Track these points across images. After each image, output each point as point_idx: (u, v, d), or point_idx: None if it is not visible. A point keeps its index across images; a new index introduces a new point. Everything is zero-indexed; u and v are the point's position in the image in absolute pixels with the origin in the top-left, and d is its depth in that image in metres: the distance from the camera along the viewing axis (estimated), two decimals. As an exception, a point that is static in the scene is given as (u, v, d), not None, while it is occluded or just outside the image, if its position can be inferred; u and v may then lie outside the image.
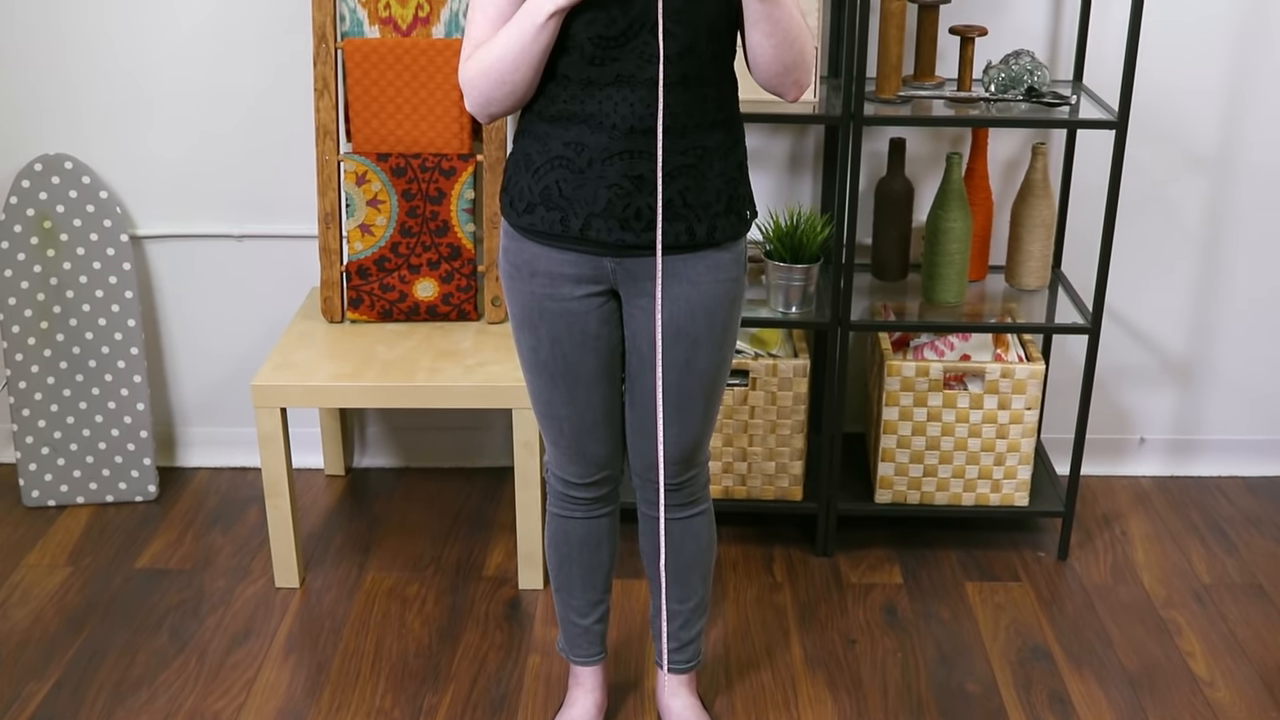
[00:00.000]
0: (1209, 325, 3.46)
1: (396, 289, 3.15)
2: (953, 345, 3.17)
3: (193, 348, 3.49)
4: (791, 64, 2.10)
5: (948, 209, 3.02)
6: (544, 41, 2.03)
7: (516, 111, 2.16)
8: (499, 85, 2.07)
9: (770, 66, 2.10)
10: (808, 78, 2.15)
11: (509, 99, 2.10)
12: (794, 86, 2.14)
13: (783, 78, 2.12)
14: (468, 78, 2.10)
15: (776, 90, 2.15)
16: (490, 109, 2.12)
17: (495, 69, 2.06)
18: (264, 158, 3.29)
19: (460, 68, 2.13)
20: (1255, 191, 3.33)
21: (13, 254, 3.26)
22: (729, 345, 2.30)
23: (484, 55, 2.07)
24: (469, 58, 2.11)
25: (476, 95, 2.11)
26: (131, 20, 3.19)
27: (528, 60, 2.04)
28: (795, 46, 2.08)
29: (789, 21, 2.05)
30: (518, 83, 2.07)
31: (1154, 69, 3.18)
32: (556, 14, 1.99)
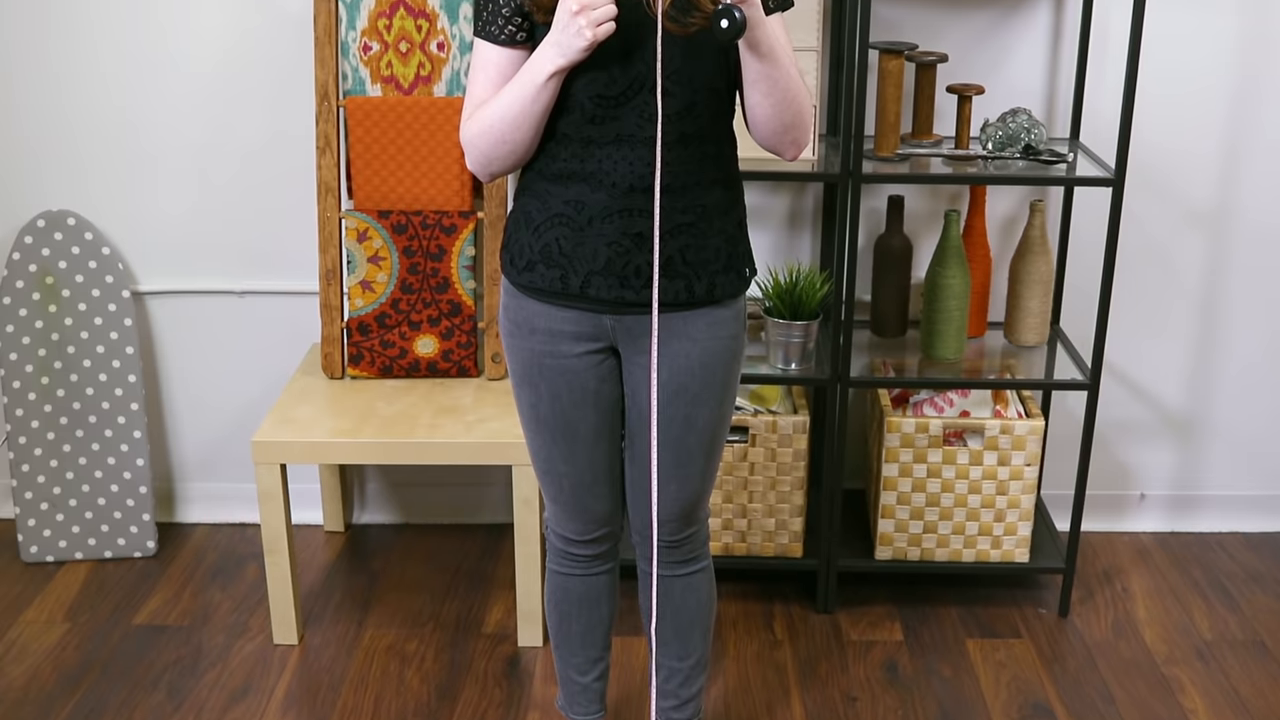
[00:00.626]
0: (1208, 380, 3.47)
1: (397, 345, 3.16)
2: (952, 402, 3.18)
3: (193, 403, 3.49)
4: (790, 123, 2.11)
5: (946, 266, 3.03)
6: (545, 101, 2.04)
7: (517, 170, 2.17)
8: (500, 144, 2.09)
9: (768, 125, 2.11)
10: (806, 137, 2.16)
11: (510, 158, 2.11)
12: (792, 146, 2.16)
13: (781, 137, 2.13)
14: (469, 137, 2.12)
15: (775, 149, 2.16)
16: (491, 168, 2.14)
17: (496, 128, 2.07)
18: (265, 214, 3.31)
19: (461, 127, 2.15)
20: (1252, 247, 3.35)
21: (14, 310, 3.27)
22: (729, 402, 2.30)
23: (485, 114, 2.09)
24: (470, 117, 2.12)
25: (477, 154, 2.12)
26: (135, 78, 3.22)
27: (528, 119, 2.06)
28: (793, 106, 2.09)
29: (787, 81, 2.06)
30: (518, 141, 2.08)
31: (1150, 125, 3.20)
32: (557, 73, 2.01)
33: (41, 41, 3.20)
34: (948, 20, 3.14)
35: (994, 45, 3.17)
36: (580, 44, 1.95)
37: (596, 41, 1.95)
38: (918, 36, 3.12)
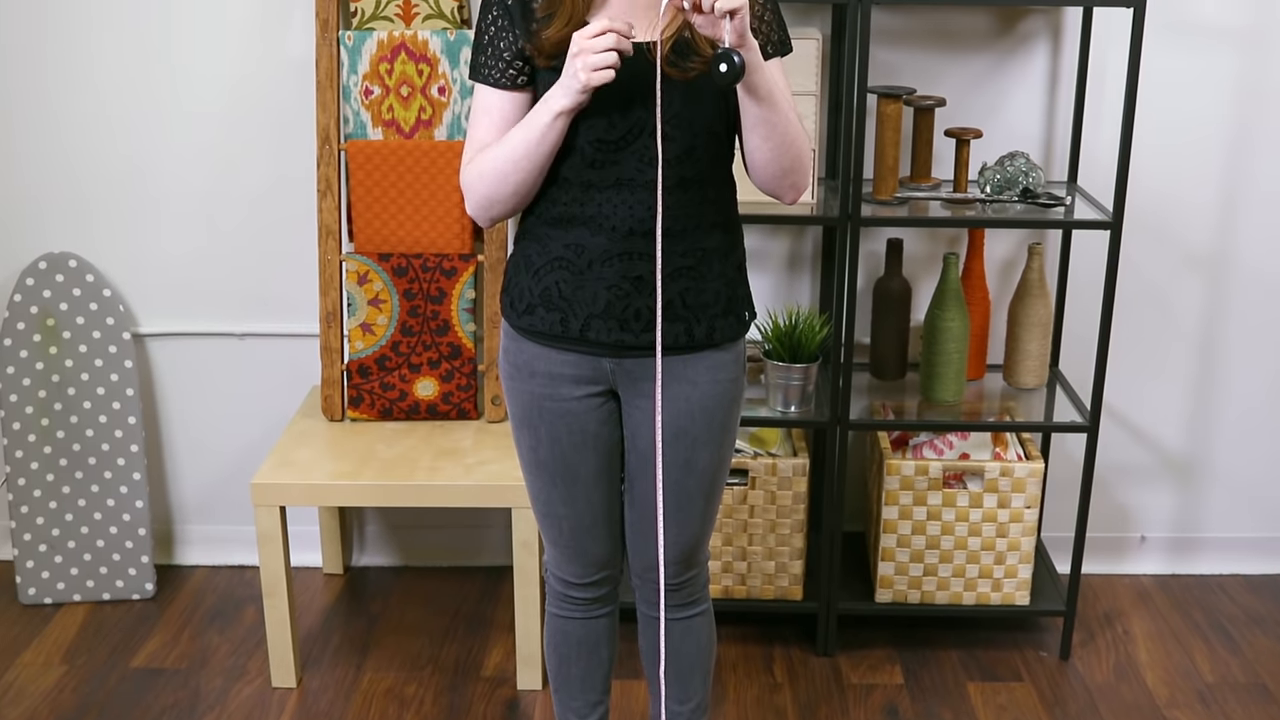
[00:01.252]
0: (1207, 423, 3.47)
1: (397, 388, 3.17)
2: (951, 444, 3.18)
3: (193, 445, 3.49)
4: (789, 167, 2.12)
5: (945, 308, 3.04)
6: (551, 141, 2.04)
7: (516, 215, 2.17)
8: (502, 184, 2.08)
9: (768, 169, 2.12)
10: (805, 181, 2.17)
11: (511, 199, 2.11)
12: (791, 190, 2.16)
13: (780, 181, 2.14)
14: (470, 179, 2.12)
15: (774, 193, 2.17)
16: (492, 210, 2.13)
17: (500, 168, 2.07)
18: (266, 257, 3.32)
19: (462, 171, 2.15)
20: (1250, 290, 3.36)
21: (15, 351, 3.28)
22: (728, 445, 2.30)
23: (488, 156, 2.09)
24: (471, 161, 2.13)
25: (479, 197, 2.12)
26: (138, 120, 3.24)
27: (533, 160, 2.06)
28: (792, 150, 2.10)
29: (786, 125, 2.07)
30: (521, 182, 2.08)
31: (1148, 169, 3.22)
32: (563, 113, 2.01)
33: (45, 84, 3.22)
34: (946, 65, 3.16)
35: (992, 89, 3.19)
36: (576, 86, 1.96)
37: (591, 86, 1.95)
38: (916, 81, 3.14)
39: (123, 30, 3.18)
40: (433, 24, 3.05)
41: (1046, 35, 3.17)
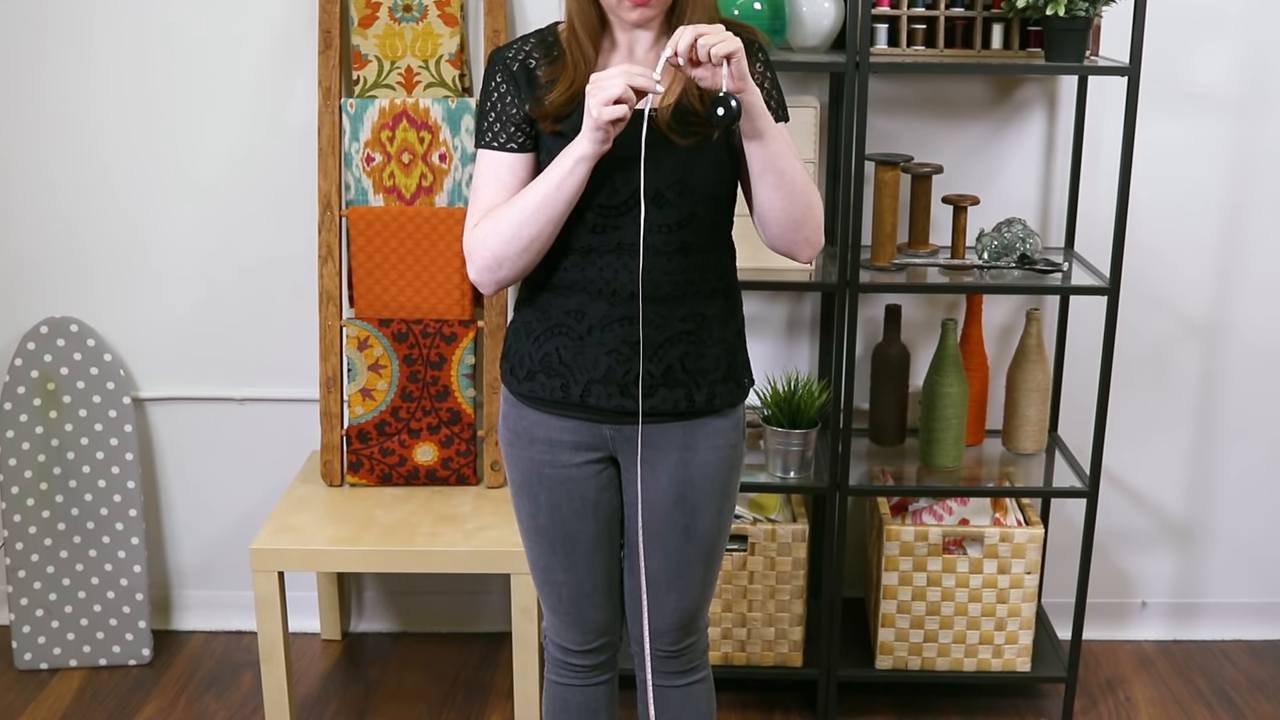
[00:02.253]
0: (1207, 487, 3.47)
1: (396, 453, 3.17)
2: (951, 510, 3.18)
3: (192, 510, 3.48)
4: (801, 219, 2.10)
5: (944, 374, 3.05)
6: (570, 190, 2.02)
7: (523, 277, 2.15)
8: (515, 239, 2.06)
9: (779, 219, 2.10)
10: (818, 236, 2.14)
11: (522, 257, 2.08)
12: (805, 245, 2.14)
13: (794, 235, 2.12)
14: (479, 238, 2.09)
15: (788, 250, 2.15)
16: (500, 271, 2.10)
17: (513, 222, 2.05)
18: (267, 322, 3.33)
19: (465, 236, 2.13)
20: (1248, 353, 3.37)
21: (15, 415, 3.28)
22: (728, 511, 2.30)
23: (499, 214, 2.08)
24: (477, 224, 2.11)
25: (487, 255, 2.09)
26: (140, 186, 3.26)
27: (550, 211, 2.04)
28: (803, 200, 2.09)
29: (793, 174, 2.07)
30: (534, 237, 2.06)
31: (1144, 235, 3.24)
32: (587, 157, 2.00)
33: (48, 149, 3.24)
34: (943, 132, 3.19)
35: (988, 157, 3.21)
36: (590, 124, 1.97)
37: (603, 122, 1.94)
38: (913, 148, 3.17)
39: (126, 96, 3.21)
40: (434, 92, 3.08)
41: (1042, 103, 3.20)
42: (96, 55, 3.18)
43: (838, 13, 2.93)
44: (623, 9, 2.05)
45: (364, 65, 3.09)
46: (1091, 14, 2.78)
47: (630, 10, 2.04)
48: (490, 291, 2.16)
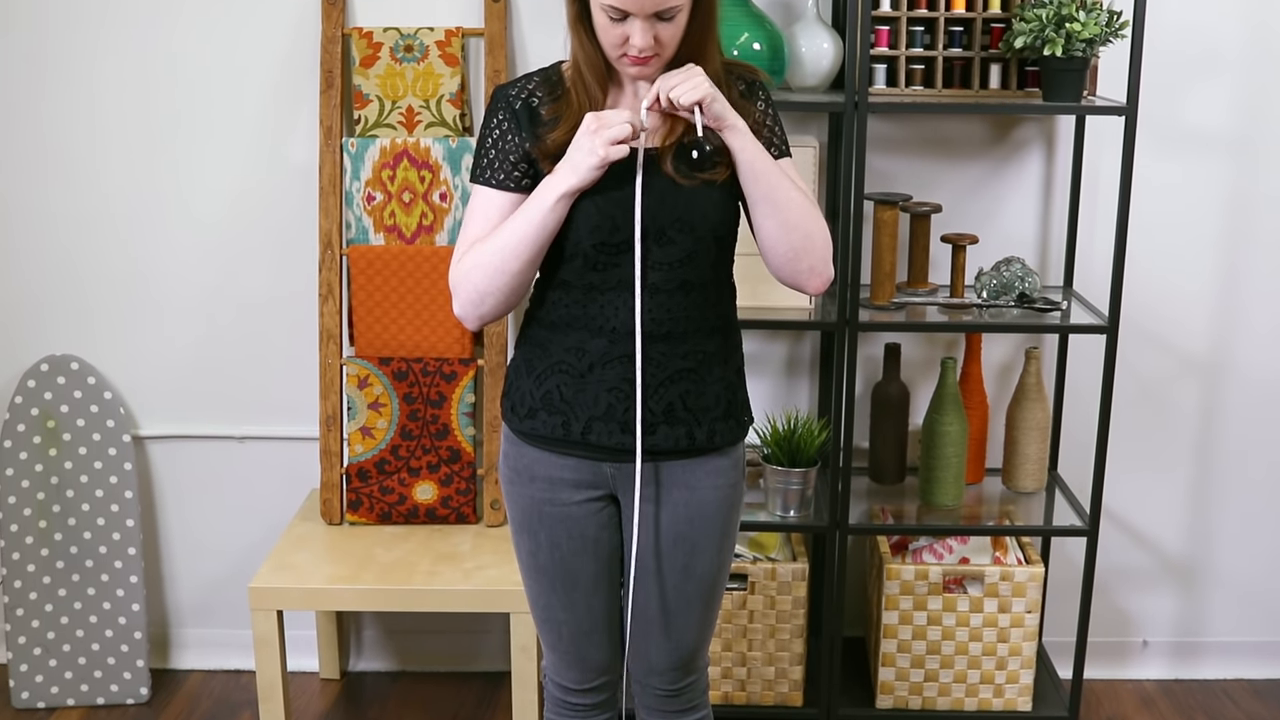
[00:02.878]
0: (1208, 525, 3.46)
1: (396, 491, 3.17)
2: (951, 548, 3.17)
3: (190, 548, 3.48)
4: (800, 248, 2.10)
5: (943, 413, 3.05)
6: (550, 226, 2.04)
7: (505, 316, 2.16)
8: (498, 274, 2.07)
9: (776, 249, 2.11)
10: (825, 267, 2.13)
11: (504, 291, 2.09)
12: (810, 274, 2.13)
13: (795, 264, 2.12)
14: (462, 272, 2.10)
15: (793, 280, 2.15)
16: (483, 307, 2.11)
17: (495, 258, 2.06)
18: (267, 361, 3.34)
19: (451, 269, 2.14)
20: (1247, 391, 3.37)
21: (15, 453, 3.28)
22: (728, 550, 2.30)
23: (482, 248, 2.09)
24: (461, 258, 2.12)
25: (470, 289, 2.10)
26: (142, 225, 3.27)
27: (531, 247, 2.05)
28: (801, 230, 2.10)
29: (788, 203, 2.08)
30: (515, 273, 2.07)
31: (1143, 273, 3.24)
32: (567, 195, 2.02)
33: (49, 186, 3.25)
34: (941, 171, 3.20)
35: (987, 195, 3.23)
36: (593, 161, 1.98)
37: (608, 161, 1.97)
38: (912, 187, 3.18)
39: (128, 134, 3.22)
40: (435, 131, 3.10)
41: (1040, 142, 3.21)
42: (98, 92, 3.20)
43: (836, 53, 2.95)
44: (622, 65, 2.07)
45: (365, 104, 3.11)
46: (1089, 54, 2.80)
47: (629, 66, 2.07)
48: (474, 327, 2.16)
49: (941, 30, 2.93)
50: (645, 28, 2.01)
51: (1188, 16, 3.14)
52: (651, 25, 2.01)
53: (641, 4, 1.98)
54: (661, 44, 2.03)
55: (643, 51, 2.02)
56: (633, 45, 2.02)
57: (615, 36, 2.03)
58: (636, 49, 2.02)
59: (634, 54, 2.03)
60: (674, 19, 2.02)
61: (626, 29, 2.01)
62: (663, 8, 1.99)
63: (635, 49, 2.02)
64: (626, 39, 2.02)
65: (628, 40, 2.02)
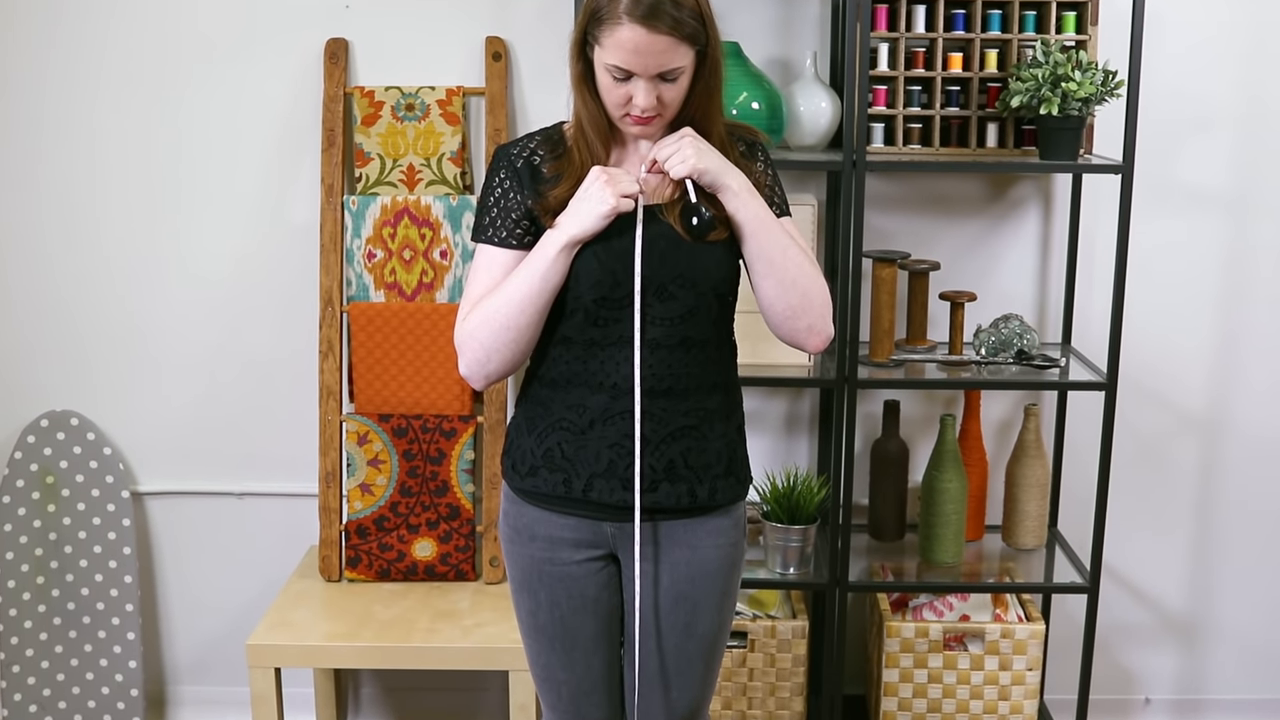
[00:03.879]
0: (1209, 582, 3.45)
1: (395, 548, 3.16)
2: (952, 606, 3.16)
3: (188, 605, 3.47)
4: (797, 307, 2.11)
5: (943, 469, 3.05)
6: (554, 279, 2.05)
7: (512, 374, 2.17)
8: (503, 330, 2.07)
9: (774, 308, 2.12)
10: (824, 325, 2.14)
11: (510, 348, 2.09)
12: (809, 333, 2.14)
13: (793, 322, 2.13)
14: (468, 330, 2.11)
15: (792, 338, 2.15)
16: (489, 365, 2.11)
17: (500, 314, 2.07)
18: (267, 417, 3.34)
19: (457, 327, 2.14)
20: (1246, 446, 3.37)
21: (13, 509, 3.27)
22: (728, 609, 2.29)
23: (487, 304, 2.09)
24: (466, 317, 2.13)
25: (476, 346, 2.10)
26: (143, 282, 3.28)
27: (534, 301, 2.06)
28: (799, 289, 2.10)
29: (785, 262, 2.09)
30: (521, 328, 2.07)
31: (1141, 330, 3.25)
32: (570, 245, 2.04)
33: (49, 244, 3.27)
34: (939, 229, 3.22)
35: (985, 253, 3.24)
36: (602, 210, 2.00)
37: (618, 211, 1.99)
38: (910, 245, 3.19)
39: (129, 191, 3.24)
40: (435, 189, 3.12)
41: (1037, 200, 3.23)
42: (100, 147, 3.22)
43: (834, 112, 2.97)
44: (625, 124, 2.09)
45: (366, 163, 3.13)
46: (1085, 113, 2.82)
47: (632, 126, 2.09)
48: (480, 386, 2.16)
49: (939, 90, 2.95)
50: (649, 88, 2.02)
51: (1182, 75, 3.17)
52: (655, 86, 2.03)
53: (645, 65, 2.00)
54: (664, 104, 2.05)
55: (645, 112, 2.04)
56: (636, 105, 2.04)
57: (619, 96, 2.05)
58: (639, 109, 2.04)
59: (637, 114, 2.05)
60: (677, 80, 2.04)
61: (630, 89, 2.03)
62: (666, 69, 2.01)
63: (638, 109, 2.04)
64: (630, 99, 2.04)
65: (631, 100, 2.04)
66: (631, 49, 1.99)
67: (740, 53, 2.94)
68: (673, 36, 1.99)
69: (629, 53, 2.00)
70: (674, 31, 1.99)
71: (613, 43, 2.00)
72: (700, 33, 2.03)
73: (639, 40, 1.98)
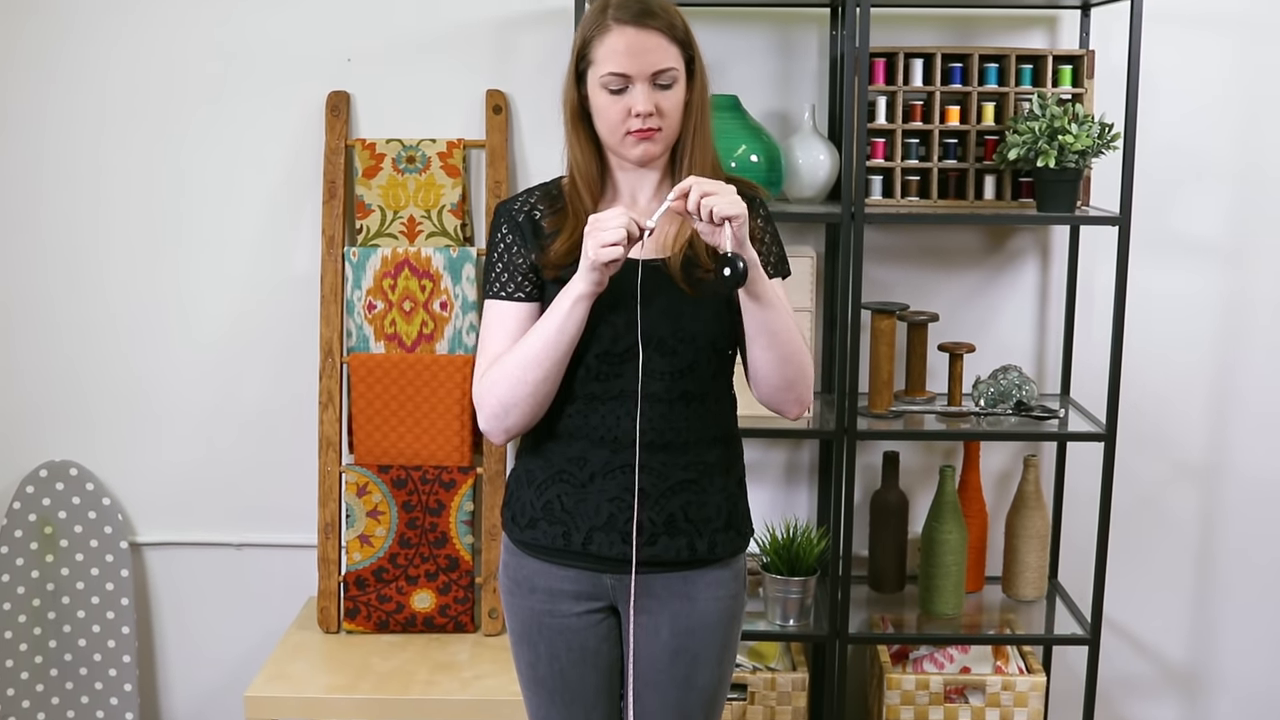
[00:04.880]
0: (1210, 633, 3.44)
1: (394, 600, 3.15)
2: (952, 657, 3.15)
3: (186, 656, 3.45)
4: (792, 379, 2.13)
5: (942, 521, 3.05)
6: (571, 330, 2.04)
7: (534, 423, 2.14)
8: (520, 384, 2.07)
9: (770, 379, 2.13)
10: (808, 395, 2.17)
11: (529, 402, 2.09)
12: (795, 403, 2.17)
13: (784, 394, 2.15)
14: (486, 386, 2.10)
15: (777, 407, 2.18)
16: (508, 419, 2.11)
17: (518, 368, 2.07)
18: (266, 468, 3.34)
19: (475, 384, 2.14)
20: (1246, 495, 3.37)
21: (11, 559, 3.27)
22: (729, 662, 2.28)
23: (505, 360, 2.09)
24: (484, 374, 2.12)
25: (494, 402, 2.10)
26: (142, 330, 3.29)
27: (553, 353, 2.05)
28: (795, 361, 2.12)
29: (788, 335, 2.10)
30: (538, 381, 2.07)
31: (1139, 380, 3.25)
32: (582, 298, 2.02)
33: (51, 293, 3.28)
34: (938, 281, 3.23)
35: (983, 304, 3.25)
36: (585, 265, 1.99)
37: (599, 264, 1.96)
38: (909, 297, 3.20)
39: (131, 241, 3.25)
40: (436, 241, 3.13)
41: (1035, 252, 3.25)
42: (103, 199, 3.24)
43: (833, 165, 2.99)
44: (625, 145, 2.09)
45: (367, 214, 3.14)
46: (1082, 166, 2.84)
47: (634, 146, 2.08)
48: (500, 441, 2.16)
49: (936, 142, 2.97)
50: (646, 91, 2.05)
51: (1178, 127, 3.19)
52: (652, 91, 2.05)
53: (640, 65, 2.04)
54: (662, 113, 2.06)
55: (646, 119, 2.05)
56: (635, 110, 2.05)
57: (618, 112, 2.06)
58: (639, 112, 2.05)
59: (637, 126, 2.06)
60: (672, 87, 2.07)
61: (628, 101, 2.05)
62: (659, 68, 2.04)
63: (638, 115, 2.05)
64: (629, 112, 2.06)
65: (630, 113, 2.06)
66: (624, 49, 2.04)
67: (739, 105, 2.97)
68: (663, 35, 2.05)
69: (623, 54, 2.04)
70: (664, 30, 2.05)
71: (606, 51, 2.05)
72: (688, 39, 2.09)
73: (631, 40, 2.04)
